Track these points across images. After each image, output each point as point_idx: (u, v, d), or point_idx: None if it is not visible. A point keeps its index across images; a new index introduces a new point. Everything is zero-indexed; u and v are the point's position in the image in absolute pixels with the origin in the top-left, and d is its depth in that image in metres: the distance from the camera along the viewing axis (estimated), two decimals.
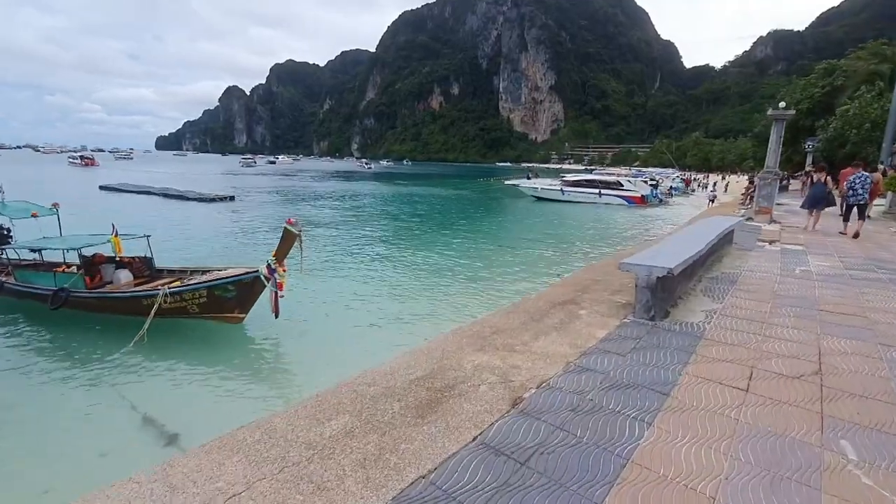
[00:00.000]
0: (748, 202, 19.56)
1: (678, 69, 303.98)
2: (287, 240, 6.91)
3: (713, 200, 28.69)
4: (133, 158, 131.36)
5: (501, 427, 2.54)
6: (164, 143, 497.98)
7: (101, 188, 35.44)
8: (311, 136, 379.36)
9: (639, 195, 32.00)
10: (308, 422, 2.60)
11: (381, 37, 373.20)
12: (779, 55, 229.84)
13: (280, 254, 7.05)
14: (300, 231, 6.87)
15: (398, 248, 15.64)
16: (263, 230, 18.92)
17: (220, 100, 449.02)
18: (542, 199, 34.58)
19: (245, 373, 6.62)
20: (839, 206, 11.86)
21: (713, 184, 46.56)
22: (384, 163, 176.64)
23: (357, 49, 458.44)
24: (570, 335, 3.92)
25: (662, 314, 4.36)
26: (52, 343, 7.48)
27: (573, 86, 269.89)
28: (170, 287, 7.44)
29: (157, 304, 7.20)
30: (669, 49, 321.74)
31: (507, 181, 44.67)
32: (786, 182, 27.39)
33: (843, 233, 10.71)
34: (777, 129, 12.65)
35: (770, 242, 9.21)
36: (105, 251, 8.88)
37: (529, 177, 47.39)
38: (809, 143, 26.44)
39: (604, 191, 32.64)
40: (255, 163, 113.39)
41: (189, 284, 7.53)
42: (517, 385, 3.00)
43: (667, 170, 56.88)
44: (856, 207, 10.73)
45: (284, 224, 6.86)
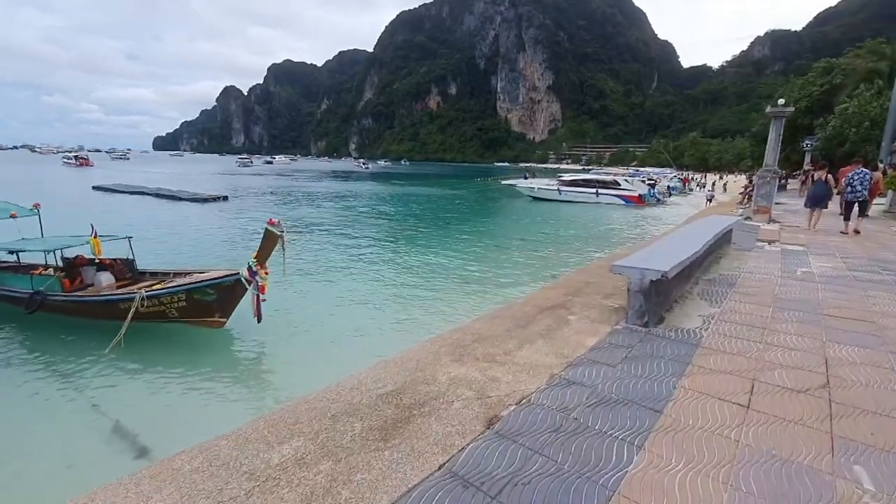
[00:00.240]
0: (746, 201, 19.35)
1: (676, 69, 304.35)
2: (269, 241, 6.66)
3: (711, 200, 28.58)
4: (129, 159, 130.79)
5: (473, 452, 2.25)
6: (162, 144, 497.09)
7: (95, 188, 35.16)
8: (309, 137, 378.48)
9: (636, 194, 31.74)
10: (257, 446, 2.32)
11: (379, 37, 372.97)
12: (776, 55, 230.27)
13: (261, 256, 6.82)
14: (282, 232, 6.62)
15: (389, 250, 15.26)
16: (256, 231, 18.59)
17: (218, 100, 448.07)
18: (539, 199, 34.30)
19: (224, 380, 6.35)
20: (839, 205, 11.70)
21: (711, 184, 46.39)
22: (382, 163, 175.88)
23: (355, 49, 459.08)
24: (558, 343, 3.63)
25: (657, 320, 4.07)
26: (25, 348, 7.23)
27: (571, 86, 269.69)
28: (147, 290, 7.16)
29: (134, 308, 6.94)
30: (667, 49, 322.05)
31: (504, 181, 44.38)
32: (784, 181, 27.17)
33: (845, 232, 10.48)
34: (776, 127, 12.40)
35: (769, 242, 8.95)
36: (87, 253, 8.66)
37: (526, 177, 47.10)
38: (808, 142, 26.18)
39: (601, 190, 32.37)
40: (252, 163, 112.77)
41: (167, 288, 7.25)
42: (495, 401, 2.71)
43: (664, 170, 56.59)
44: (856, 205, 10.58)
45: (266, 225, 6.60)
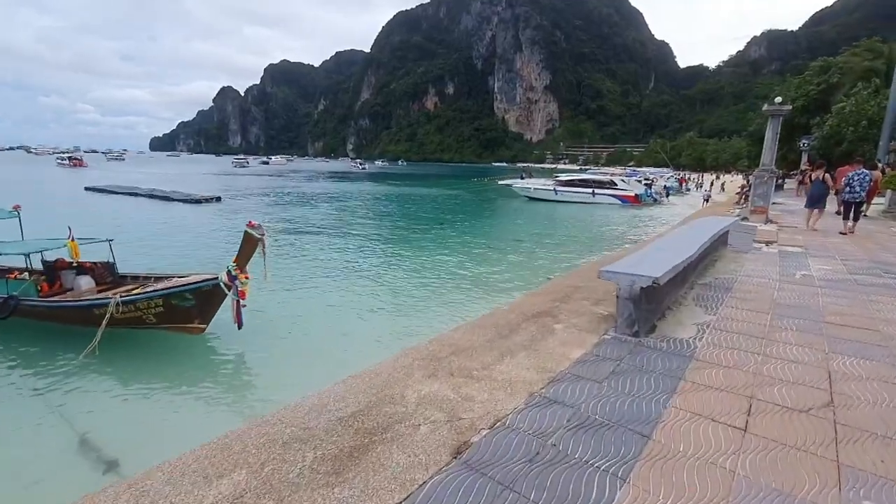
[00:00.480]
0: (743, 201, 19.14)
1: (672, 69, 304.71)
2: (248, 245, 6.37)
3: (707, 200, 28.42)
4: (125, 160, 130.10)
5: (435, 488, 1.99)
6: (158, 144, 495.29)
7: (87, 189, 34.83)
8: (306, 137, 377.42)
9: (632, 194, 31.54)
10: (193, 480, 2.05)
11: (376, 37, 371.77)
12: (772, 55, 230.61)
13: (241, 260, 6.53)
14: (262, 235, 6.33)
15: (379, 254, 14.85)
16: None
17: (215, 100, 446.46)
18: (535, 200, 34.06)
19: (201, 390, 6.08)
20: (837, 204, 11.58)
21: (710, 183, 46.23)
22: (379, 163, 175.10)
23: (352, 49, 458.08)
24: (541, 356, 3.37)
25: (648, 328, 3.82)
26: None
27: (568, 86, 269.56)
28: (122, 296, 6.89)
29: (109, 314, 6.68)
30: (664, 49, 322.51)
31: (501, 181, 44.13)
32: (781, 181, 27.01)
33: (844, 232, 10.30)
34: (773, 126, 12.17)
35: (767, 244, 8.72)
36: (66, 256, 8.44)
37: (523, 177, 46.90)
38: (805, 142, 26.00)
39: (597, 190, 32.16)
40: (248, 163, 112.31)
41: (143, 293, 6.97)
42: (466, 425, 2.45)
43: (661, 169, 56.49)
44: (853, 205, 10.41)
45: (245, 227, 6.32)
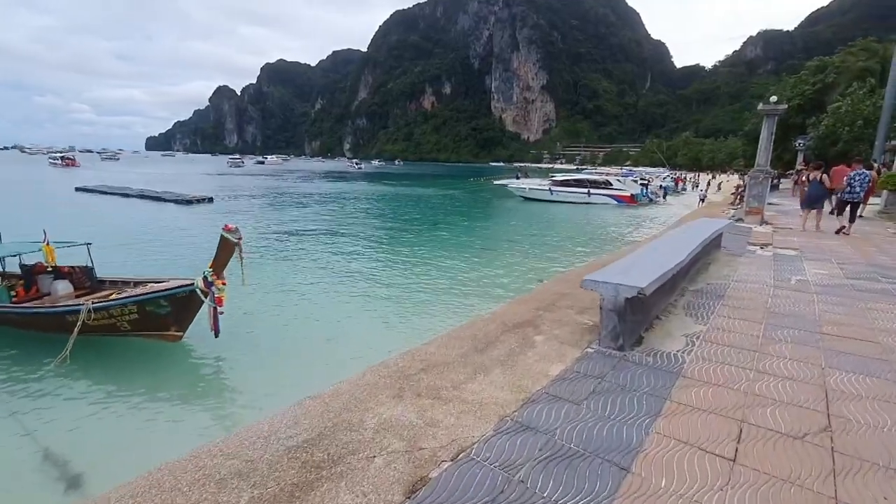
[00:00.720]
0: (738, 201, 18.98)
1: (669, 69, 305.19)
2: (225, 249, 6.13)
3: (703, 199, 28.31)
4: (119, 159, 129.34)
5: None
6: (154, 144, 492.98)
7: (78, 189, 34.45)
8: (303, 137, 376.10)
9: (628, 194, 31.41)
10: None
11: (373, 36, 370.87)
12: (768, 55, 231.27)
13: (218, 265, 6.29)
14: (239, 239, 6.09)
15: (367, 257, 14.42)
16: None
17: (211, 100, 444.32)
18: (531, 200, 33.87)
19: (175, 400, 5.85)
20: (832, 202, 11.46)
21: (706, 183, 46.14)
22: (375, 163, 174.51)
23: (348, 49, 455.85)
24: (517, 372, 3.13)
25: (633, 341, 3.59)
26: None
27: (565, 85, 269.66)
28: (95, 302, 6.63)
29: (81, 322, 6.43)
30: (660, 49, 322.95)
31: (496, 181, 43.95)
32: (777, 181, 26.89)
33: (840, 229, 10.16)
34: (768, 125, 11.98)
35: (762, 246, 8.52)
36: (42, 260, 8.23)
37: (518, 177, 46.65)
38: (800, 141, 25.90)
39: (593, 190, 32.00)
40: (243, 163, 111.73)
41: (117, 299, 6.73)
42: (426, 456, 2.21)
43: (658, 169, 56.43)
44: (850, 205, 10.29)
45: (221, 231, 6.06)
